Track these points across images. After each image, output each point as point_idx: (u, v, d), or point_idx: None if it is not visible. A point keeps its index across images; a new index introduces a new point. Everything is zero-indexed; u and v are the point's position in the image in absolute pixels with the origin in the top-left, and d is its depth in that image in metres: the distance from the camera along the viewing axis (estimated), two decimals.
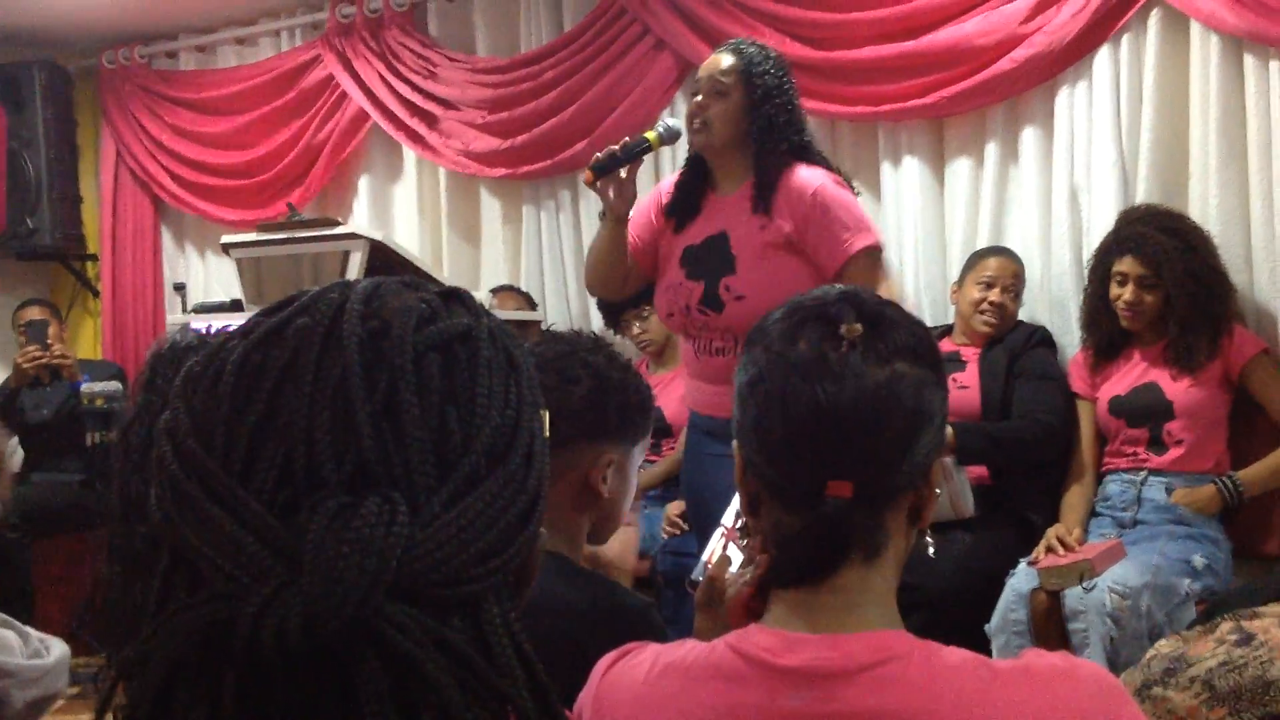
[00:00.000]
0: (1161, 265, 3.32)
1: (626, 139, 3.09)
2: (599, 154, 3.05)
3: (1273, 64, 3.39)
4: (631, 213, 3.13)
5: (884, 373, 1.17)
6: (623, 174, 3.03)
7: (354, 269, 3.00)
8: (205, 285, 5.67)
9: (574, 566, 1.83)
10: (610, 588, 1.87)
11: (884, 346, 1.18)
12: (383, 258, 3.13)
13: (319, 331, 0.75)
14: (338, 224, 3.50)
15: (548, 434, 0.82)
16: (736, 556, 1.79)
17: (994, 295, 3.66)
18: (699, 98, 3.06)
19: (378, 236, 3.11)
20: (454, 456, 0.73)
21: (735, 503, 2.12)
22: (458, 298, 0.82)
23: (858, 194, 3.14)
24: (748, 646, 1.20)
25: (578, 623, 1.70)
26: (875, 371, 1.17)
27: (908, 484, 1.20)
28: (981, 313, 3.66)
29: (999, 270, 3.68)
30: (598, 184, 3.03)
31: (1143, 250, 3.35)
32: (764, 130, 3.01)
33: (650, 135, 3.08)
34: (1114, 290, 3.42)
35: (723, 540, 1.88)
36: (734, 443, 1.26)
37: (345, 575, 0.67)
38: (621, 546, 2.13)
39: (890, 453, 1.17)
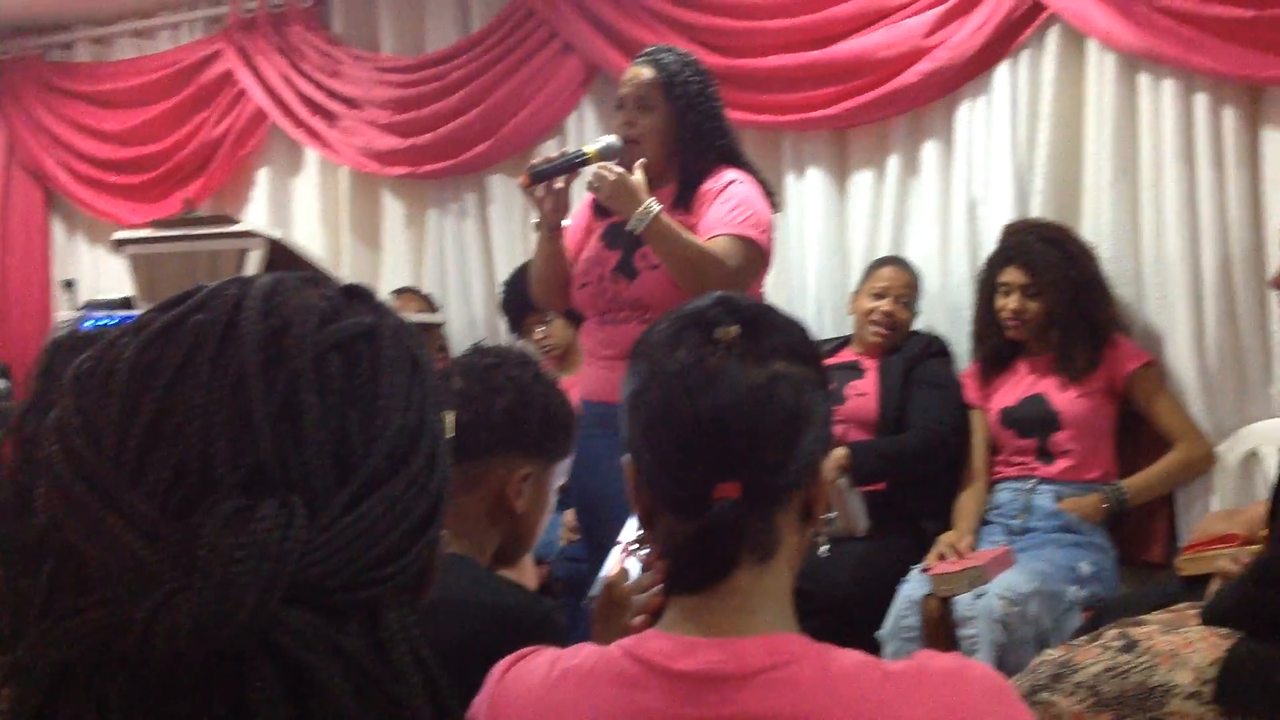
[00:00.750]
0: (1042, 274, 3.39)
1: (565, 149, 3.10)
2: (535, 160, 3.07)
3: (1165, 82, 3.48)
4: (569, 226, 3.15)
5: (762, 374, 1.18)
6: (558, 184, 3.03)
7: (251, 269, 2.95)
8: (96, 282, 5.54)
9: (479, 568, 1.82)
10: (514, 590, 1.87)
11: (761, 348, 1.20)
12: (281, 258, 3.08)
13: (216, 329, 0.74)
14: (235, 222, 3.45)
15: (451, 435, 0.80)
16: (634, 569, 1.79)
17: (885, 305, 3.71)
18: (624, 113, 3.08)
19: (276, 235, 3.06)
20: (354, 459, 0.72)
21: (632, 519, 2.12)
22: (359, 295, 0.81)
23: (777, 210, 3.15)
24: (644, 651, 1.20)
25: (482, 624, 1.70)
26: (753, 373, 1.18)
27: (795, 483, 1.21)
28: (873, 323, 3.71)
29: (890, 281, 3.74)
30: (533, 189, 3.02)
31: (1025, 260, 3.42)
32: (692, 138, 3.04)
33: (589, 149, 3.07)
34: (999, 300, 3.49)
35: (620, 556, 1.88)
36: (625, 457, 1.26)
37: (239, 580, 0.66)
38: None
39: (775, 453, 1.18)
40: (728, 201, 3.00)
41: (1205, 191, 3.44)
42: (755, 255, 3.01)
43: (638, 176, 2.94)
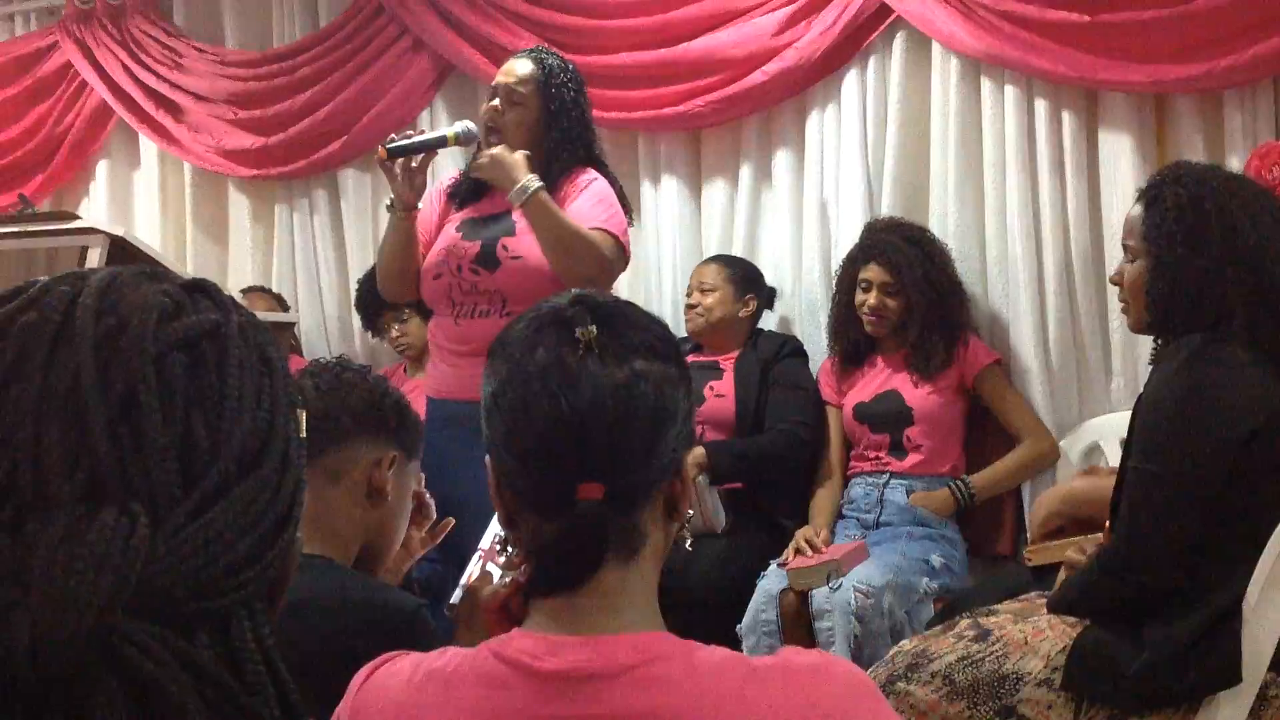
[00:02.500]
0: (903, 273, 3.46)
1: (424, 129, 3.06)
2: (395, 135, 3.03)
3: (1008, 87, 3.58)
4: (421, 215, 3.10)
5: (623, 373, 1.18)
6: (414, 163, 2.99)
7: (92, 266, 2.84)
8: None
9: (343, 568, 1.80)
10: (382, 589, 1.85)
11: (621, 346, 1.20)
12: (124, 255, 2.97)
13: (48, 329, 0.70)
14: (75, 218, 3.32)
15: (303, 436, 0.78)
16: (496, 573, 1.78)
17: (692, 299, 3.79)
18: (495, 103, 3.05)
19: (118, 232, 2.96)
20: (200, 463, 0.69)
21: (492, 524, 2.11)
22: (203, 290, 0.78)
23: (631, 222, 3.16)
24: (510, 651, 1.19)
25: (352, 623, 1.69)
26: (614, 372, 1.18)
27: (658, 480, 1.22)
28: (687, 318, 3.79)
29: (696, 275, 3.83)
30: (389, 164, 2.98)
31: (886, 258, 3.49)
32: (558, 143, 3.04)
33: (449, 133, 3.08)
34: (859, 297, 3.55)
35: (480, 561, 1.87)
36: (486, 457, 1.25)
37: (78, 593, 0.63)
38: None
39: (637, 451, 1.19)
40: (594, 197, 3.01)
41: (1046, 193, 3.55)
42: (619, 254, 3.03)
43: (519, 154, 2.92)
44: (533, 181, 2.91)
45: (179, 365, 0.70)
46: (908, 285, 3.47)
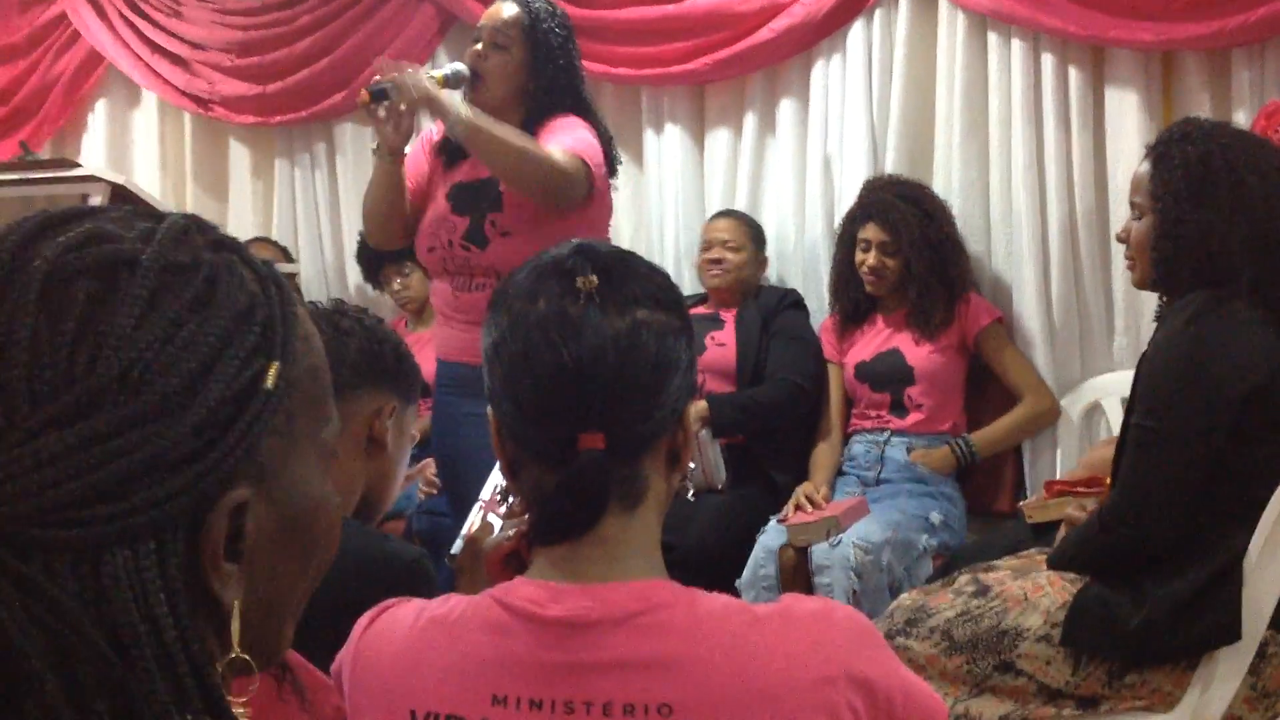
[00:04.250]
0: (901, 232, 3.44)
1: (410, 70, 3.00)
2: (379, 77, 2.96)
3: (1014, 42, 3.55)
4: (409, 161, 3.05)
5: (624, 322, 1.17)
6: (402, 107, 2.94)
7: None
8: None
9: (344, 519, 1.79)
10: (381, 538, 1.85)
11: (622, 296, 1.19)
12: (124, 203, 2.95)
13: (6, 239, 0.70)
14: (75, 165, 3.30)
15: (270, 385, 0.72)
16: (497, 523, 1.78)
17: (712, 254, 3.76)
18: (478, 46, 3.00)
19: (119, 180, 2.94)
20: (59, 386, 0.65)
21: (492, 475, 2.11)
22: (198, 229, 0.75)
23: (619, 163, 3.11)
24: (513, 599, 1.19)
25: (349, 573, 1.67)
26: (615, 322, 1.17)
27: (661, 429, 1.21)
28: (707, 271, 3.77)
29: (717, 231, 3.82)
30: (373, 108, 2.90)
31: (885, 217, 3.47)
32: (542, 89, 2.98)
33: (436, 75, 2.98)
34: (858, 256, 3.54)
35: (481, 512, 1.87)
36: (488, 407, 1.24)
37: None
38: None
39: (639, 401, 1.18)
40: (569, 130, 2.94)
41: (1052, 149, 3.53)
42: (581, 175, 2.89)
43: (424, 82, 2.84)
44: (460, 110, 2.81)
45: (82, 290, 0.67)
46: (905, 244, 3.46)
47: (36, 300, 0.66)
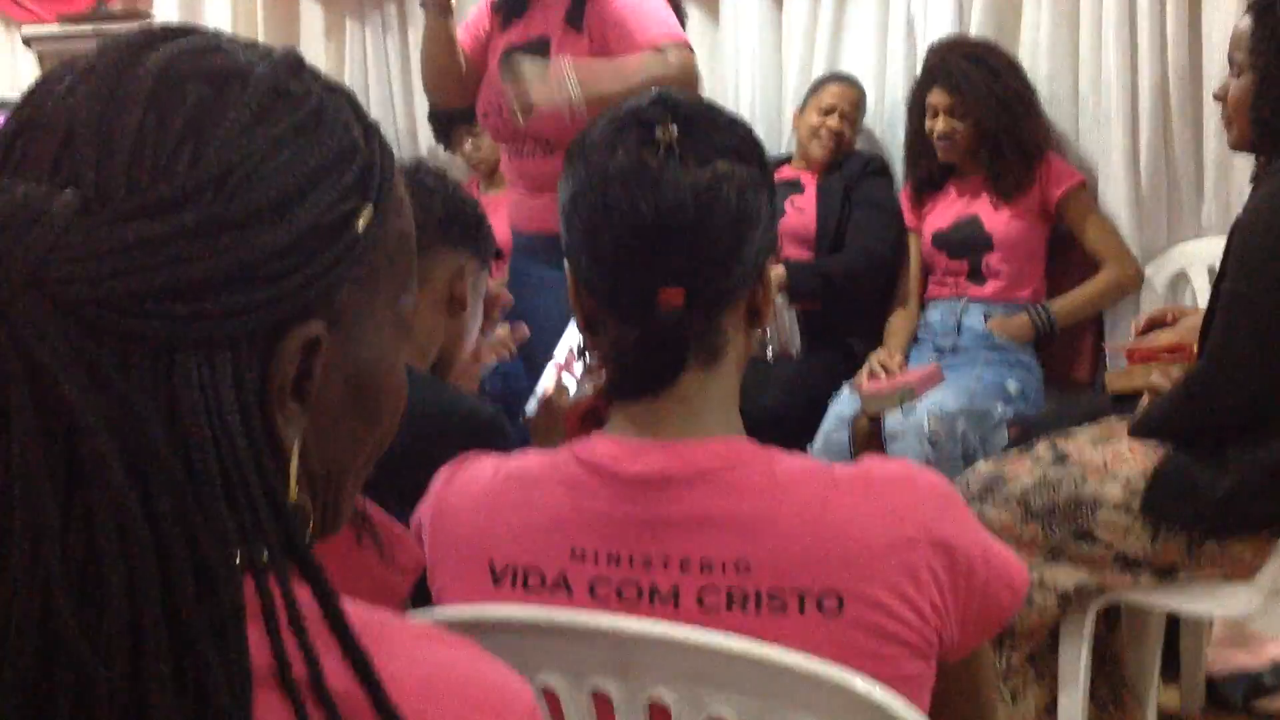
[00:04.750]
0: (966, 93, 3.35)
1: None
2: None
3: None
4: (466, 20, 3.03)
5: (705, 174, 1.14)
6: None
7: None
8: (9, 80, 5.30)
9: (422, 374, 1.81)
10: (460, 396, 1.86)
11: (703, 148, 1.16)
12: None
13: (125, 38, 0.70)
14: (149, 17, 3.28)
15: (361, 228, 0.72)
16: (572, 385, 1.78)
17: (831, 122, 3.66)
18: None
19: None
20: (158, 175, 0.64)
21: (566, 336, 2.10)
22: (309, 69, 0.75)
23: (684, 14, 3.05)
24: (591, 454, 1.18)
25: (429, 428, 1.69)
26: (695, 174, 1.14)
27: (741, 285, 1.19)
28: (818, 138, 3.65)
29: (838, 97, 3.68)
30: None
31: (948, 80, 3.38)
32: None
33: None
34: (928, 123, 3.45)
35: (556, 372, 1.88)
36: (565, 263, 1.22)
37: None
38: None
39: (719, 255, 1.15)
40: (636, 15, 2.88)
41: (1145, 9, 3.38)
42: (689, 63, 2.90)
43: (534, 65, 2.80)
44: (570, 86, 2.76)
45: (193, 92, 0.67)
46: (972, 106, 3.36)
47: (148, 95, 0.66)
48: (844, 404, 3.27)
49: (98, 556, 0.60)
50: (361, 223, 0.72)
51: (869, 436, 3.20)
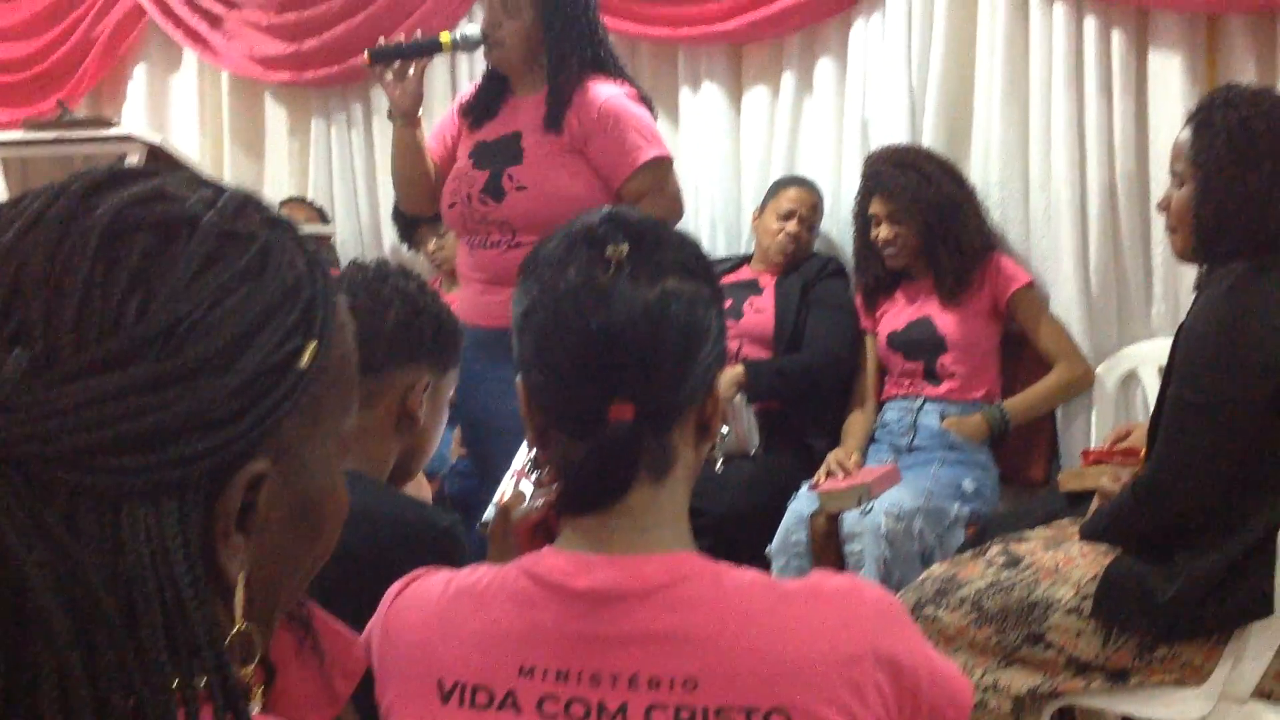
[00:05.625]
0: (899, 198, 3.43)
1: (418, 33, 3.00)
2: (383, 39, 2.97)
3: (1056, 5, 3.49)
4: (436, 129, 3.06)
5: (654, 291, 1.17)
6: (410, 69, 2.94)
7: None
8: None
9: (378, 484, 1.81)
10: (415, 504, 1.86)
11: (653, 265, 1.18)
12: (161, 163, 2.96)
13: (62, 189, 0.71)
14: (112, 124, 3.31)
15: (305, 364, 0.73)
16: (530, 492, 1.78)
17: (790, 226, 3.72)
18: (490, 12, 2.99)
19: (155, 140, 2.94)
20: (110, 329, 0.65)
21: (525, 443, 2.10)
22: (251, 203, 0.76)
23: (656, 116, 3.12)
24: (541, 569, 1.19)
25: (385, 538, 1.69)
26: (645, 291, 1.16)
27: (690, 399, 1.21)
28: (778, 243, 3.71)
29: (796, 201, 3.74)
30: (378, 70, 2.93)
31: (883, 188, 3.46)
32: (558, 49, 2.94)
33: (444, 37, 2.97)
34: (873, 231, 3.52)
35: (514, 479, 1.88)
36: (518, 376, 1.24)
37: None
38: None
39: (669, 371, 1.17)
40: (618, 128, 2.94)
41: (1093, 113, 3.47)
42: (668, 165, 3.02)
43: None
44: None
45: (141, 243, 0.68)
46: (907, 211, 3.43)
47: (96, 246, 0.67)
48: (802, 503, 3.28)
49: (38, 706, 0.60)
50: (306, 359, 0.73)
51: (827, 536, 3.20)
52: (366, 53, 2.91)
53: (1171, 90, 3.37)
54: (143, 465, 0.64)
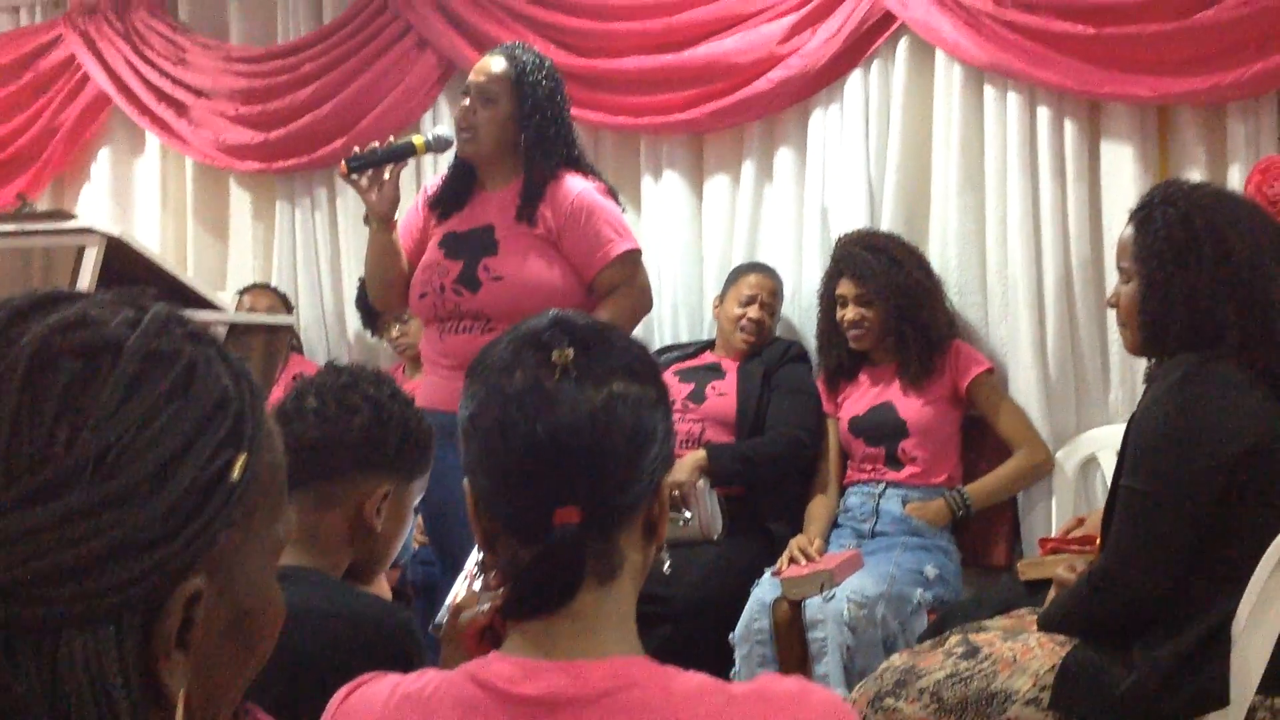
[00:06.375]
0: (870, 282, 3.46)
1: (391, 139, 3.04)
2: (358, 148, 3.01)
3: (1010, 94, 3.57)
4: (403, 222, 3.08)
5: (599, 395, 1.17)
6: (385, 175, 2.98)
7: (88, 266, 2.83)
8: None
9: (333, 580, 1.80)
10: (371, 599, 1.85)
11: (599, 369, 1.19)
12: (121, 255, 2.97)
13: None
14: (71, 217, 3.33)
15: (236, 477, 0.73)
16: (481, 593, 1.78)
17: (752, 312, 3.75)
18: (466, 103, 3.02)
19: (115, 232, 2.96)
20: (36, 463, 0.65)
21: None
22: (177, 321, 0.76)
23: (623, 209, 3.16)
24: (487, 675, 1.18)
25: (341, 634, 1.68)
26: (591, 395, 1.17)
27: (637, 503, 1.21)
28: (741, 329, 3.74)
29: (757, 288, 3.78)
30: (354, 178, 2.96)
31: (854, 270, 3.50)
32: (533, 142, 2.99)
33: (417, 140, 3.04)
34: (839, 312, 3.55)
35: (466, 581, 1.87)
36: (465, 480, 1.24)
37: None
38: None
39: (615, 475, 1.18)
40: (589, 223, 2.99)
41: (1048, 202, 3.54)
42: (638, 256, 3.08)
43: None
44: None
45: (66, 371, 0.68)
46: (877, 295, 3.47)
47: (22, 377, 0.67)
48: (765, 590, 3.27)
49: None
50: (237, 471, 0.73)
51: (790, 623, 3.19)
52: (343, 163, 2.95)
53: (1124, 179, 3.44)
54: (78, 594, 0.64)
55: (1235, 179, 3.30)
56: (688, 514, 3.42)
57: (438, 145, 3.05)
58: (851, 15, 3.74)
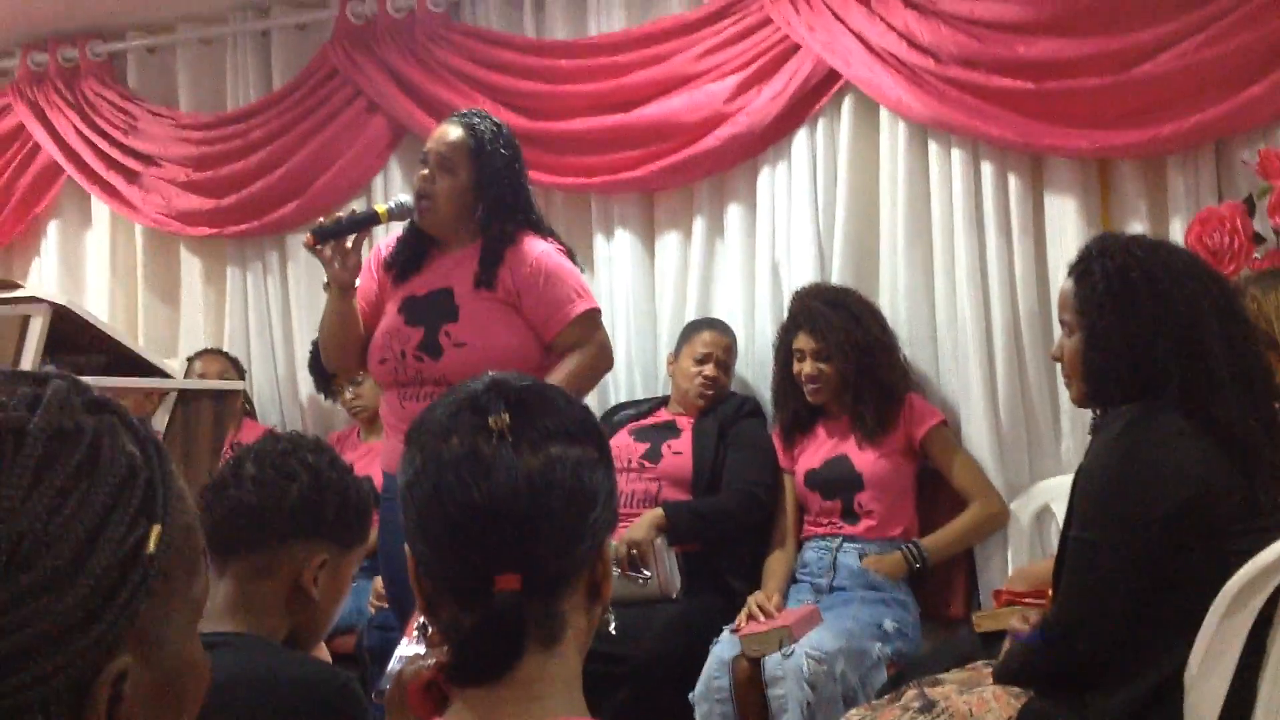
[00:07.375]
0: (828, 336, 3.48)
1: (354, 208, 3.05)
2: (323, 219, 3.02)
3: (955, 150, 3.62)
4: (359, 285, 3.08)
5: (538, 460, 1.16)
6: (348, 243, 2.98)
7: (34, 335, 2.80)
8: None
9: (274, 645, 1.78)
10: (312, 663, 1.83)
11: (537, 433, 1.18)
12: (68, 323, 2.95)
13: None
14: (17, 287, 3.31)
15: (153, 549, 0.73)
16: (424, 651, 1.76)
17: (708, 370, 3.75)
18: (425, 171, 3.03)
19: (61, 301, 2.94)
20: None
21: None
22: (75, 393, 0.75)
23: (581, 269, 3.17)
24: None
25: (278, 700, 1.67)
26: (529, 460, 1.16)
27: (580, 565, 1.20)
28: (695, 386, 3.74)
29: (711, 345, 3.79)
30: (319, 248, 2.97)
31: (812, 324, 3.52)
32: (491, 209, 3.01)
33: (380, 209, 3.06)
34: (795, 366, 3.57)
35: (410, 644, 1.86)
36: (405, 545, 1.23)
37: None
38: None
39: (556, 540, 1.17)
40: (548, 285, 3.00)
41: (994, 254, 3.58)
42: (597, 315, 3.10)
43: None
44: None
45: None
46: (835, 349, 3.49)
47: None
48: (724, 647, 3.26)
49: None
50: (153, 544, 0.72)
51: (750, 680, 3.17)
52: (309, 234, 2.97)
53: (1068, 231, 3.49)
54: (3, 690, 0.63)
55: (1176, 230, 3.35)
56: (647, 573, 3.40)
57: (400, 213, 3.06)
58: (796, 74, 3.79)
